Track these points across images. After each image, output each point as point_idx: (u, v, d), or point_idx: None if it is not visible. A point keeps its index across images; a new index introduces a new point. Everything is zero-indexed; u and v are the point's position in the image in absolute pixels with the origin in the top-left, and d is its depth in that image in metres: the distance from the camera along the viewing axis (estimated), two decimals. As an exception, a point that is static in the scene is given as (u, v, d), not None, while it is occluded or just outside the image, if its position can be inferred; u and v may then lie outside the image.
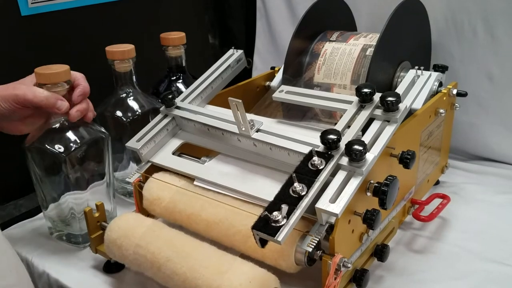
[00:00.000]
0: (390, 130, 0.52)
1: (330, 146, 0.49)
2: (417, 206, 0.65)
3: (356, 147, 0.47)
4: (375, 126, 0.52)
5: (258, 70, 1.08)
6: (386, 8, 0.66)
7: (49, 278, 0.62)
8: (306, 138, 0.53)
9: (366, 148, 0.47)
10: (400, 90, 0.58)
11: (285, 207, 0.44)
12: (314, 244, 0.47)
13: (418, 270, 0.58)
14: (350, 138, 0.50)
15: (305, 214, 0.46)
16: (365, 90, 0.54)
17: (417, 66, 0.62)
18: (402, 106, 0.53)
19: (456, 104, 0.71)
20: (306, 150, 0.50)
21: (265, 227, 0.43)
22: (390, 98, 0.52)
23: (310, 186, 0.46)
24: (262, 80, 0.80)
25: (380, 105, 0.54)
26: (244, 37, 1.14)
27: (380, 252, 0.55)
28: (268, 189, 0.51)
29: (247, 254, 0.52)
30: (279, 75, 0.77)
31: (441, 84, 0.67)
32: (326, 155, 0.48)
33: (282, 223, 0.43)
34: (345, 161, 0.48)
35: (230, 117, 0.56)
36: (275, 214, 0.43)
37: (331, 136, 0.49)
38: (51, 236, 0.68)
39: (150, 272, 0.53)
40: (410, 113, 0.61)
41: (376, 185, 0.50)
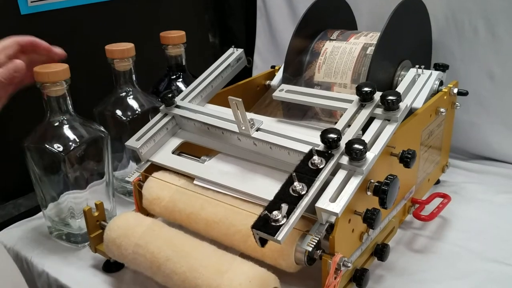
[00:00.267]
0: (390, 129, 0.52)
1: (330, 145, 0.49)
2: (417, 206, 0.65)
3: (356, 146, 0.47)
4: (376, 125, 0.52)
5: (258, 69, 1.08)
6: (387, 7, 0.66)
7: (48, 278, 0.62)
8: (306, 137, 0.53)
9: (366, 147, 0.47)
10: (400, 89, 0.57)
11: (285, 207, 0.43)
12: (314, 243, 0.47)
13: (418, 269, 0.58)
14: (350, 137, 0.50)
15: (305, 213, 0.46)
16: (365, 89, 0.54)
17: (417, 65, 0.62)
18: (402, 105, 0.53)
19: (456, 103, 0.71)
20: (306, 149, 0.50)
21: (265, 227, 0.43)
22: (390, 97, 0.52)
23: (310, 185, 0.46)
24: (262, 79, 0.80)
25: (380, 104, 0.53)
26: (244, 36, 1.13)
27: (380, 251, 0.54)
28: (268, 188, 0.50)
29: (247, 253, 0.52)
30: (279, 74, 0.77)
31: (441, 83, 0.67)
32: (326, 154, 0.48)
33: (282, 223, 0.43)
34: (345, 160, 0.48)
35: (230, 116, 0.56)
36: (275, 213, 0.43)
37: (331, 135, 0.49)
38: (51, 235, 0.68)
39: (150, 271, 0.53)
40: (411, 112, 0.61)
41: (376, 184, 0.49)
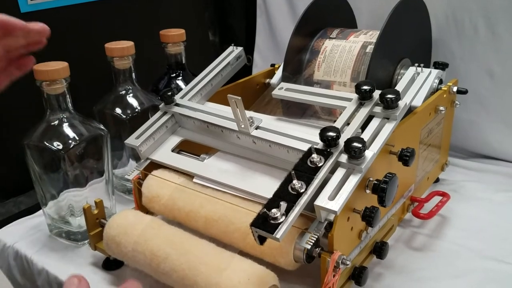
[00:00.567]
0: (389, 127, 0.52)
1: (329, 143, 0.49)
2: (416, 204, 0.65)
3: (355, 144, 0.47)
4: (375, 123, 0.52)
5: (258, 67, 1.08)
6: (387, 5, 0.66)
7: (48, 275, 0.62)
8: (305, 135, 0.53)
9: (365, 145, 0.47)
10: (399, 87, 0.57)
11: (283, 204, 0.43)
12: (313, 241, 0.47)
13: (417, 268, 0.58)
14: (349, 136, 0.50)
15: (304, 211, 0.46)
16: (364, 87, 0.54)
17: (417, 64, 0.62)
18: (401, 103, 0.53)
19: (456, 101, 0.71)
20: (306, 147, 0.50)
21: (263, 224, 0.43)
22: (389, 95, 0.52)
23: (309, 183, 0.46)
24: (261, 77, 0.80)
25: (379, 102, 0.53)
26: (244, 34, 1.13)
27: (379, 249, 0.54)
28: (267, 186, 0.50)
29: (246, 251, 0.52)
30: (279, 72, 0.77)
31: (441, 81, 0.67)
32: (325, 152, 0.48)
33: (281, 220, 0.43)
34: (344, 158, 0.48)
35: (230, 114, 0.56)
36: (274, 211, 0.43)
37: (330, 133, 0.49)
38: (51, 233, 0.68)
39: (149, 269, 0.53)
40: (410, 110, 0.61)
41: (375, 182, 0.49)
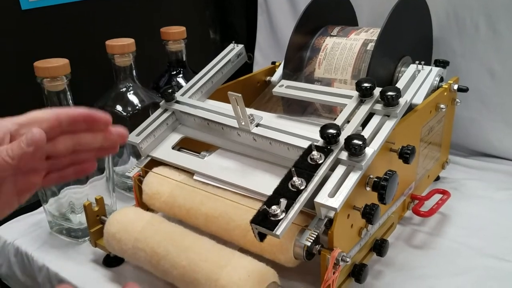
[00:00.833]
0: (390, 124, 0.52)
1: (329, 140, 0.49)
2: (417, 202, 0.65)
3: (355, 142, 0.47)
4: (375, 120, 0.52)
5: (259, 65, 1.08)
6: (388, 3, 0.66)
7: (49, 272, 0.62)
8: (306, 132, 0.53)
9: (365, 142, 0.47)
10: (400, 84, 0.57)
11: (284, 201, 0.43)
12: (313, 238, 0.47)
13: (418, 265, 0.58)
14: (350, 133, 0.50)
15: (304, 208, 0.46)
16: (365, 84, 0.54)
17: (418, 61, 0.61)
18: (402, 100, 0.53)
19: (457, 99, 0.71)
20: (306, 144, 0.50)
21: (263, 221, 0.43)
22: (390, 93, 0.52)
23: (309, 180, 0.46)
24: (262, 75, 0.80)
25: (380, 99, 0.53)
26: (245, 32, 1.13)
27: (379, 246, 0.54)
28: (267, 183, 0.50)
29: (246, 248, 0.52)
30: (280, 70, 0.77)
31: (442, 79, 0.67)
32: (326, 150, 0.48)
33: (281, 217, 0.43)
34: (344, 155, 0.48)
35: (230, 111, 0.56)
36: (274, 208, 0.43)
37: (331, 130, 0.49)
38: (51, 230, 0.68)
39: (149, 266, 0.53)
40: (411, 108, 0.61)
41: (375, 179, 0.49)
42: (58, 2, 0.80)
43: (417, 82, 0.60)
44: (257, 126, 0.56)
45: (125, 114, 0.71)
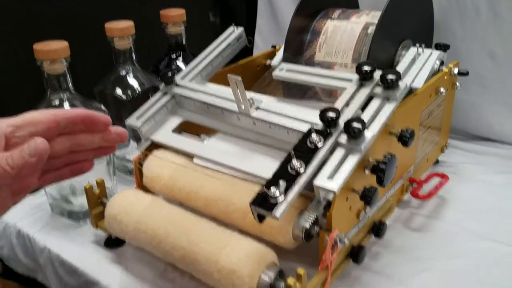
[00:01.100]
0: (389, 108, 0.52)
1: (329, 124, 0.49)
2: (415, 185, 0.65)
3: (354, 125, 0.47)
4: (375, 104, 0.52)
5: (259, 48, 1.07)
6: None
7: (50, 254, 0.63)
8: (306, 116, 0.53)
9: (365, 125, 0.47)
10: (400, 68, 0.57)
11: (283, 184, 0.44)
12: (312, 220, 0.48)
13: (416, 247, 0.59)
14: (349, 116, 0.50)
15: (303, 191, 0.46)
16: (365, 67, 0.54)
17: (418, 44, 0.61)
18: (402, 84, 0.53)
19: (457, 83, 0.71)
20: (305, 128, 0.50)
21: (263, 203, 0.43)
22: (390, 76, 0.52)
23: (308, 163, 0.46)
24: (262, 58, 0.79)
25: (380, 83, 0.53)
26: (245, 15, 1.12)
27: (377, 228, 0.55)
28: (267, 167, 0.50)
29: (246, 230, 0.53)
30: (280, 54, 0.77)
31: (442, 63, 0.67)
32: (325, 133, 0.48)
33: (280, 200, 0.43)
34: (343, 139, 0.48)
35: (230, 95, 0.56)
36: (273, 190, 0.43)
37: (330, 114, 0.49)
38: (52, 212, 0.69)
39: (150, 247, 0.54)
40: (411, 91, 0.60)
41: (374, 163, 0.50)
42: (57, -16, 0.79)
43: (417, 65, 0.59)
44: (257, 110, 0.56)
45: (125, 97, 0.71)
